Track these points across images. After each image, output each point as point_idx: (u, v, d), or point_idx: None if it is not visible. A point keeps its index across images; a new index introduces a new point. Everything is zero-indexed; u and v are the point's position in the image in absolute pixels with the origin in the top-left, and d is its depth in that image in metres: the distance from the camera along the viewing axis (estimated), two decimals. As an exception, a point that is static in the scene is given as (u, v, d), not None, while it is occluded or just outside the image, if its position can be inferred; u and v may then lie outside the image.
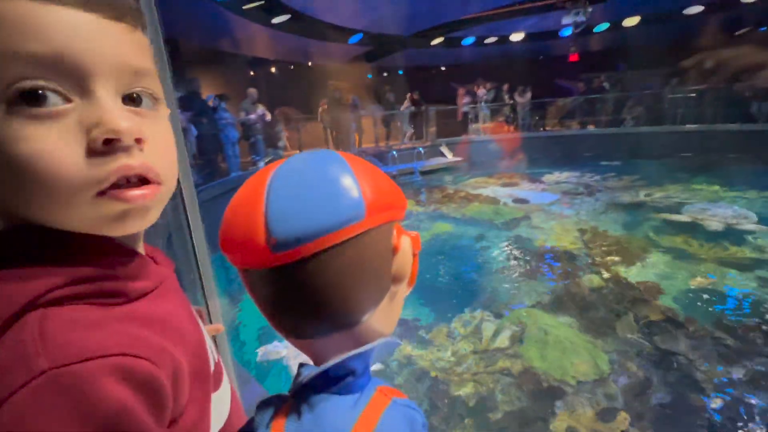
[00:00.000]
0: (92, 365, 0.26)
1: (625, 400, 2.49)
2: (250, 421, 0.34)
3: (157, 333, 0.31)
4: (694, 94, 10.24)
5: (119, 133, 0.29)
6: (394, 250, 0.33)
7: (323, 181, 0.30)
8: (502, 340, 3.10)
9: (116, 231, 0.32)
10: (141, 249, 0.38)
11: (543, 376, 2.71)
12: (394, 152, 10.20)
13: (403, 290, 0.37)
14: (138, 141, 0.31)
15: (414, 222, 6.36)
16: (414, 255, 0.37)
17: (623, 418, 2.33)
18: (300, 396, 0.31)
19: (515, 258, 4.70)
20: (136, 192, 0.31)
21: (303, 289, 0.30)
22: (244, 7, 8.12)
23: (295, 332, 0.34)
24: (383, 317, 0.35)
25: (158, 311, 0.33)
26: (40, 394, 0.24)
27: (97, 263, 0.31)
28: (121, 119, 0.30)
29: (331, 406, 0.30)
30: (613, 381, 2.64)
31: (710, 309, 3.37)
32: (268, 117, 7.87)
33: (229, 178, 6.77)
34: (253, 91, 7.78)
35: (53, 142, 0.28)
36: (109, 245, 0.33)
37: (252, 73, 12.24)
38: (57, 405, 0.25)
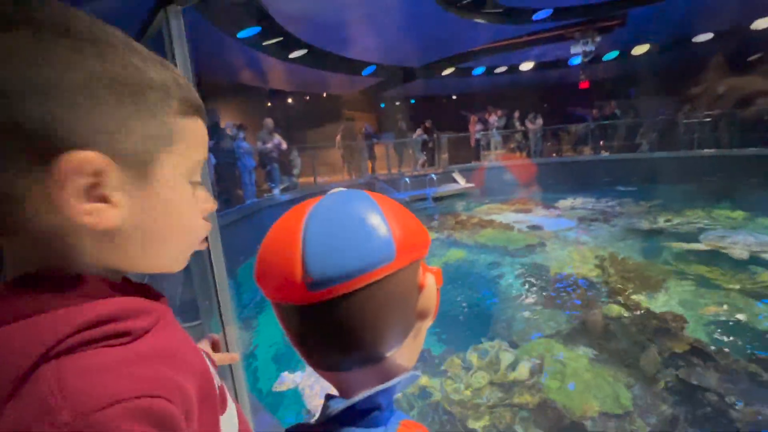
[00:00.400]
0: (112, 411, 0.27)
1: (652, 439, 2.35)
2: None
3: (166, 366, 0.33)
4: (709, 119, 10.16)
5: (215, 208, 0.45)
6: (420, 288, 0.35)
7: (356, 224, 0.33)
8: (520, 372, 2.99)
9: (178, 268, 0.42)
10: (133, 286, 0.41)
11: (563, 411, 2.58)
12: (407, 179, 10.31)
13: (427, 324, 0.39)
14: None
15: (427, 248, 6.32)
16: (436, 290, 0.39)
17: (652, 459, 2.20)
18: (328, 428, 0.33)
19: (531, 286, 4.60)
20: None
21: (335, 325, 0.32)
22: (264, 43, 8.56)
23: (323, 365, 0.35)
24: (407, 352, 0.36)
25: (163, 344, 0.35)
26: None
27: (102, 306, 0.32)
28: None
29: None
30: (637, 418, 2.50)
31: (740, 341, 3.20)
32: (284, 146, 8.11)
33: (245, 204, 6.92)
34: (269, 121, 8.08)
35: (194, 206, 0.41)
36: (111, 286, 0.35)
37: (269, 104, 12.74)
38: None
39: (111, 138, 0.33)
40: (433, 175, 10.64)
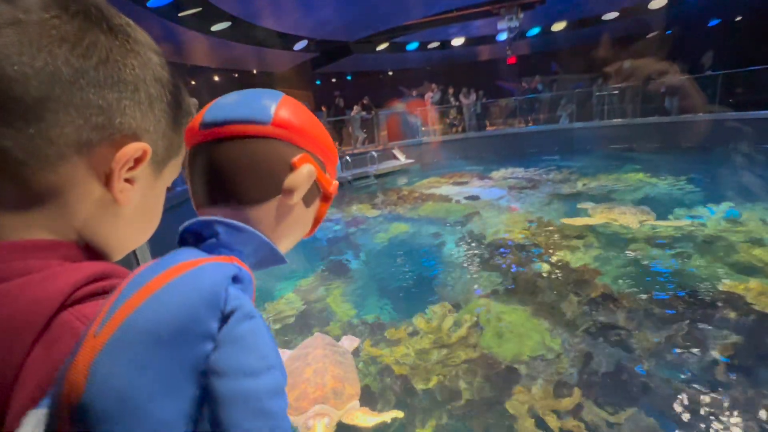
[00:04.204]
0: None
1: (574, 374, 2.70)
2: None
3: None
4: (616, 92, 11.30)
5: None
6: (292, 167, 0.41)
7: (253, 94, 0.42)
8: (462, 331, 3.23)
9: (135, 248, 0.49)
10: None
11: (501, 361, 2.86)
12: (348, 157, 10.24)
13: (300, 219, 0.44)
14: None
15: (372, 225, 6.42)
16: (325, 200, 0.46)
17: (574, 391, 2.53)
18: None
19: (470, 252, 4.91)
20: None
21: (211, 162, 0.39)
22: (179, 14, 7.77)
23: (199, 200, 0.41)
24: (269, 220, 0.41)
25: None
26: None
27: (92, 266, 0.37)
28: None
29: (183, 251, 0.35)
30: (562, 358, 2.85)
31: (640, 284, 3.74)
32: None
33: (175, 192, 6.41)
34: (193, 102, 7.46)
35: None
36: (84, 253, 0.40)
37: (193, 82, 11.73)
38: None
39: (151, 135, 0.42)
40: (373, 153, 10.67)
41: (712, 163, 7.95)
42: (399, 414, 2.44)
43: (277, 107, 0.40)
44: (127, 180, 0.41)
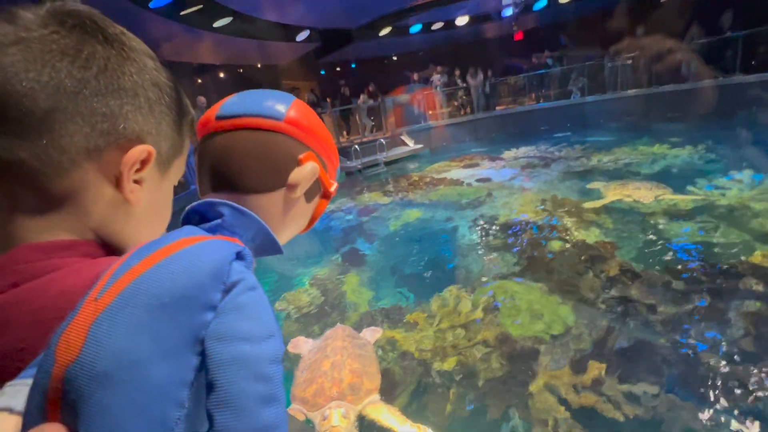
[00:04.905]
0: None
1: (593, 350, 2.69)
2: None
3: None
4: (629, 62, 10.88)
5: None
6: (298, 162, 0.43)
7: (268, 95, 0.44)
8: (478, 313, 3.25)
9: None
10: None
11: (519, 340, 2.88)
12: (357, 146, 10.22)
13: (300, 213, 0.46)
14: None
15: (384, 212, 6.44)
16: (325, 197, 0.48)
17: (593, 366, 2.53)
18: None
19: (484, 234, 4.89)
20: None
21: (223, 149, 0.42)
22: (181, 13, 7.79)
23: (207, 187, 0.43)
24: (271, 210, 0.43)
25: None
26: None
27: (108, 260, 0.40)
28: None
29: (187, 228, 0.37)
30: (581, 334, 2.85)
31: (659, 257, 3.67)
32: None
33: (190, 191, 6.55)
34: (202, 100, 7.54)
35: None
36: (102, 249, 0.44)
37: (199, 80, 11.80)
38: None
39: (154, 137, 0.45)
40: (382, 140, 10.62)
41: (733, 130, 7.65)
42: (421, 428, 2.24)
43: (290, 107, 0.43)
44: (135, 181, 0.44)
